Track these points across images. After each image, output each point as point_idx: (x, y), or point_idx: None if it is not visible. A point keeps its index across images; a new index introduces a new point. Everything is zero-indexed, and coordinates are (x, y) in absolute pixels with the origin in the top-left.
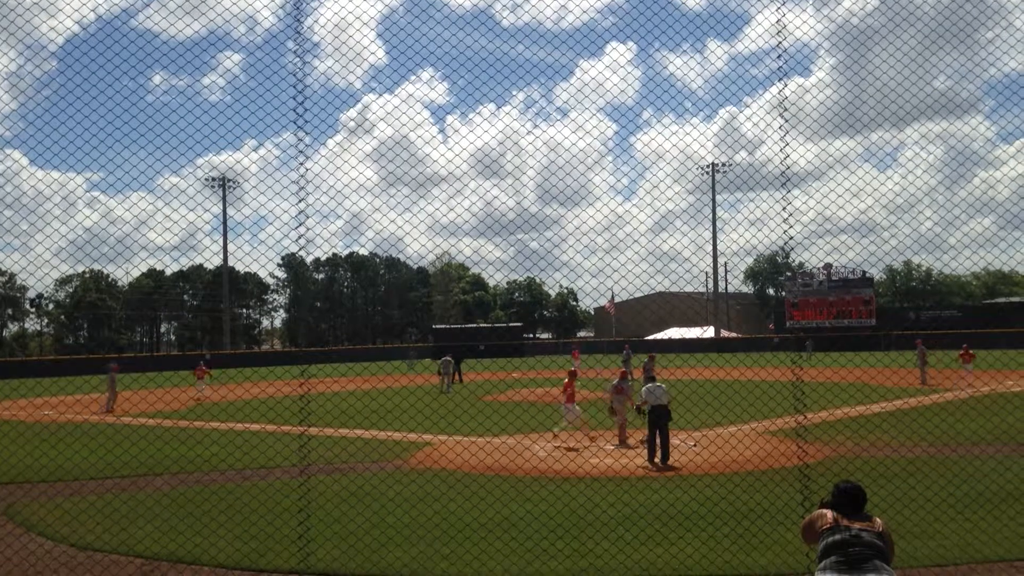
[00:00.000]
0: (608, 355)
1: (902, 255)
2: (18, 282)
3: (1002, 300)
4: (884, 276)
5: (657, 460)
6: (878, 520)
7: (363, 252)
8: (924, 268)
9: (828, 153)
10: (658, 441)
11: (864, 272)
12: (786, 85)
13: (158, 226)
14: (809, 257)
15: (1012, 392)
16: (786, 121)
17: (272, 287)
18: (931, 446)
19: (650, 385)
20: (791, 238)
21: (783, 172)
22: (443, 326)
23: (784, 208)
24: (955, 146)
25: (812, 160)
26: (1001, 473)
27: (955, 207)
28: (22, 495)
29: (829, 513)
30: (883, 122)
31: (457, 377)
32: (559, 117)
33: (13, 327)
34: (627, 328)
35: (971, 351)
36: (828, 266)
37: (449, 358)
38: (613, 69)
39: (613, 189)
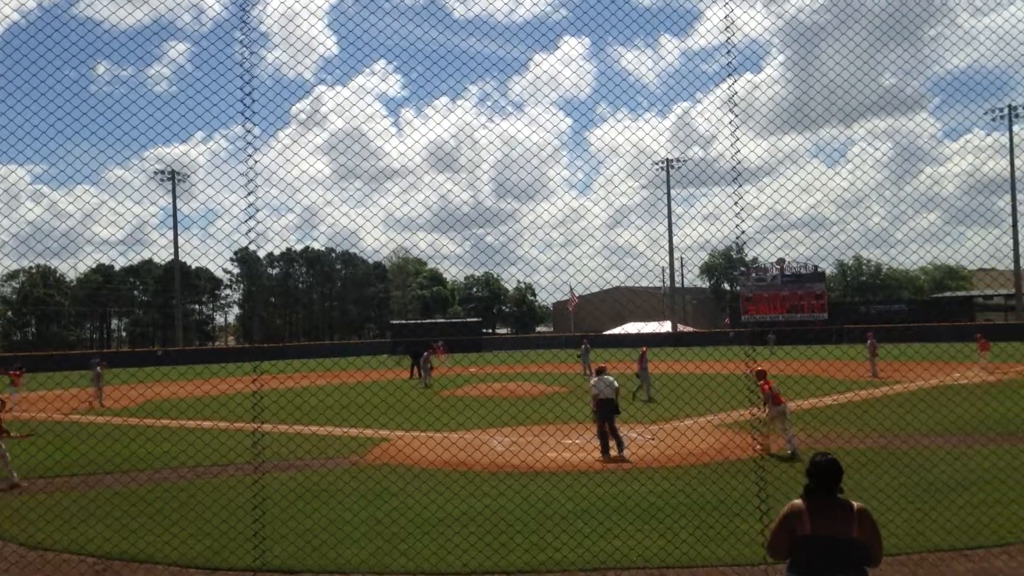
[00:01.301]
0: (566, 350)
1: (852, 249)
2: None
3: (948, 294)
4: (835, 271)
5: (613, 452)
6: (855, 511)
7: (318, 247)
8: (873, 263)
9: (778, 149)
10: (608, 432)
11: (816, 267)
12: (735, 81)
13: (104, 219)
14: (762, 252)
15: (959, 384)
16: (736, 117)
17: (225, 282)
18: (881, 437)
19: (597, 379)
20: (743, 232)
21: (734, 167)
22: (401, 321)
23: (736, 203)
24: (901, 142)
25: (763, 156)
26: (950, 463)
27: (902, 202)
28: None
29: (806, 518)
30: (831, 118)
31: (417, 372)
32: (514, 111)
33: None
34: (584, 323)
35: (987, 341)
36: (781, 261)
37: (425, 353)
38: (566, 63)
39: (568, 183)
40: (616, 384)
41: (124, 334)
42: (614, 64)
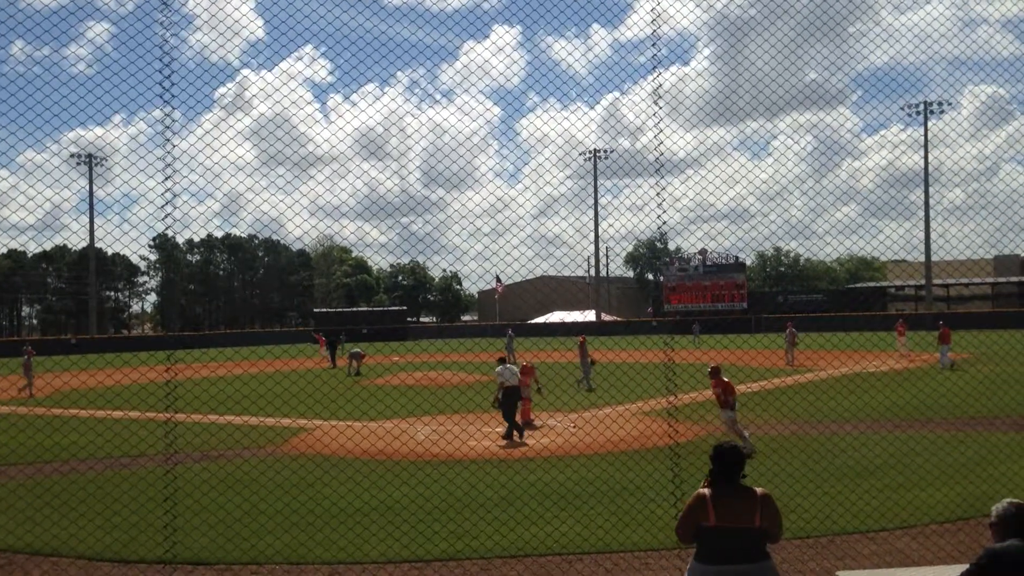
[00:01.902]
0: (491, 339)
1: (771, 241)
2: None
3: (863, 285)
4: (755, 261)
5: (516, 437)
6: (757, 497)
7: (240, 234)
8: (792, 254)
9: (701, 141)
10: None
11: (737, 257)
12: (660, 73)
13: (14, 204)
14: (683, 242)
15: (869, 372)
16: (661, 109)
17: (142, 269)
18: (793, 423)
19: (502, 368)
20: (664, 223)
21: (657, 159)
22: (325, 310)
23: (659, 194)
24: (820, 136)
25: (688, 148)
26: (858, 449)
27: (821, 195)
28: None
29: (711, 508)
30: (756, 111)
31: (331, 362)
32: (443, 99)
33: None
34: (510, 311)
35: (949, 330)
36: (703, 251)
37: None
38: (495, 52)
39: (495, 172)
40: (518, 372)
41: (35, 321)
42: (544, 54)
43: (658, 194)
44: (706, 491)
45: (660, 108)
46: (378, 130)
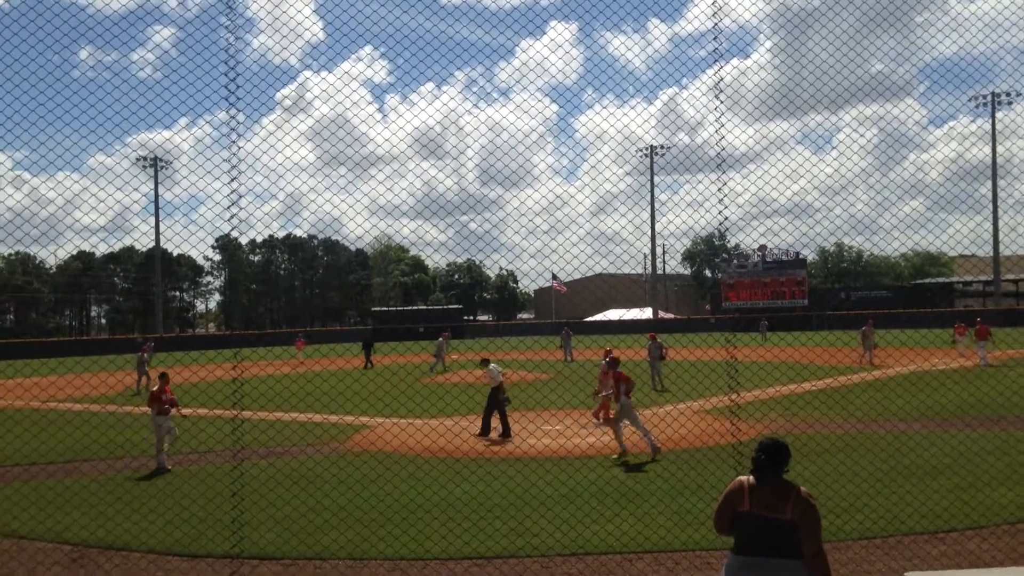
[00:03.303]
0: (548, 336)
1: (835, 236)
2: None
3: (929, 281)
4: (816, 257)
5: (494, 435)
6: (794, 492)
7: (300, 234)
8: (855, 249)
9: (764, 135)
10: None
11: (797, 253)
12: (722, 67)
13: (85, 206)
14: (744, 238)
15: (937, 370)
16: (722, 103)
17: (206, 269)
18: (860, 422)
19: (492, 366)
20: (726, 219)
21: (718, 154)
22: (382, 308)
23: (719, 190)
24: (887, 128)
25: (749, 142)
26: (926, 448)
27: (887, 189)
28: None
29: (746, 495)
30: (819, 104)
31: (369, 363)
32: (500, 97)
33: None
34: (566, 309)
35: (988, 327)
36: (763, 248)
37: (442, 339)
38: (554, 49)
39: (553, 169)
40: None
41: (104, 321)
42: (601, 50)
43: (719, 189)
44: (745, 478)
45: (721, 102)
46: (436, 129)
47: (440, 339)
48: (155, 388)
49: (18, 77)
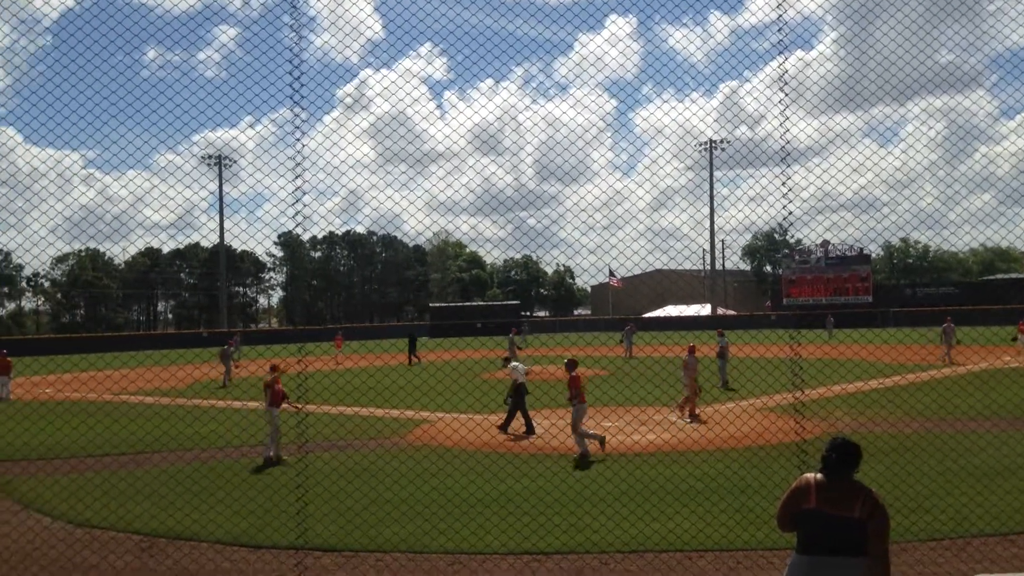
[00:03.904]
0: (606, 332)
1: (903, 231)
2: (14, 260)
3: (1000, 276)
4: (881, 253)
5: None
6: (864, 491)
7: (360, 230)
8: (921, 245)
9: (829, 128)
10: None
11: (861, 249)
12: (787, 59)
13: (154, 203)
14: (809, 233)
15: (1010, 367)
16: (786, 96)
17: (269, 265)
18: (928, 421)
19: (513, 364)
20: (790, 213)
21: (783, 147)
22: (440, 304)
23: (783, 184)
24: (956, 120)
25: (813, 135)
26: (996, 448)
27: (955, 183)
28: (20, 472)
29: (813, 492)
30: (885, 96)
31: (414, 358)
32: (558, 93)
33: (9, 306)
34: (625, 305)
35: None
36: (826, 243)
37: (513, 335)
38: (612, 43)
39: (612, 165)
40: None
41: (170, 316)
42: (663, 43)
43: (783, 184)
44: (812, 475)
45: (786, 95)
46: (495, 126)
47: (511, 335)
48: (268, 379)
49: (90, 78)
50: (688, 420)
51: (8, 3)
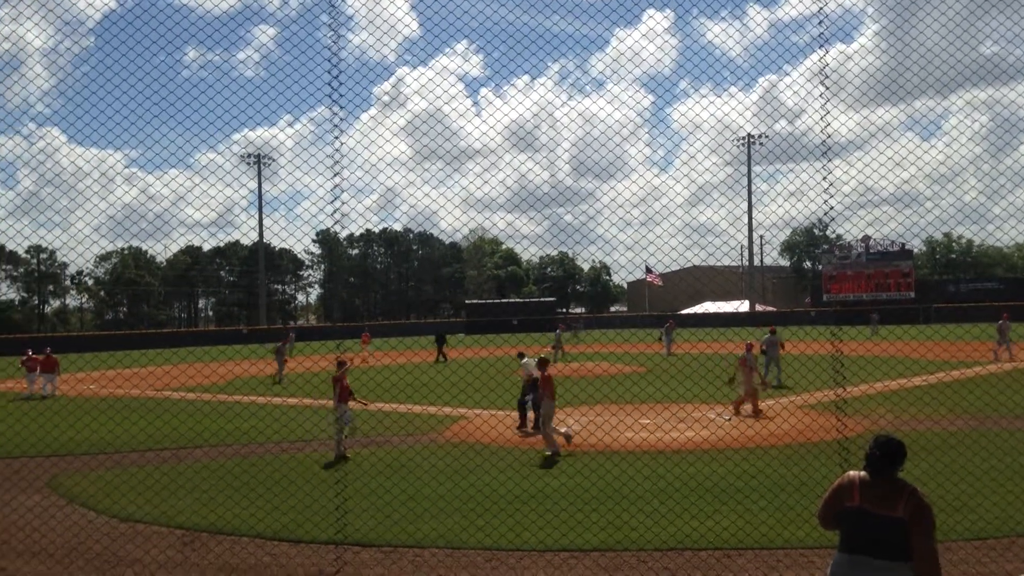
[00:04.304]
0: (645, 329)
1: (947, 225)
2: (59, 258)
3: None
4: (923, 248)
5: (529, 428)
6: (908, 490)
7: (396, 227)
8: (965, 239)
9: (870, 121)
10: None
11: (903, 244)
12: (827, 52)
13: (195, 201)
14: (851, 228)
15: None
16: (827, 89)
17: (307, 263)
18: (972, 419)
19: (526, 360)
20: (832, 208)
21: (824, 142)
22: (476, 301)
23: (824, 179)
24: (1001, 113)
25: (854, 129)
26: None
27: (1000, 176)
28: (64, 467)
29: (856, 490)
30: (927, 89)
31: (441, 356)
32: (594, 89)
33: (54, 303)
34: (662, 302)
35: None
36: (866, 238)
37: (560, 330)
38: (650, 38)
39: (649, 161)
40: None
41: (211, 313)
42: (701, 37)
43: (824, 178)
44: (856, 473)
45: (827, 88)
46: (530, 121)
47: (558, 330)
48: (336, 374)
49: (133, 78)
50: (731, 417)
51: (53, 5)
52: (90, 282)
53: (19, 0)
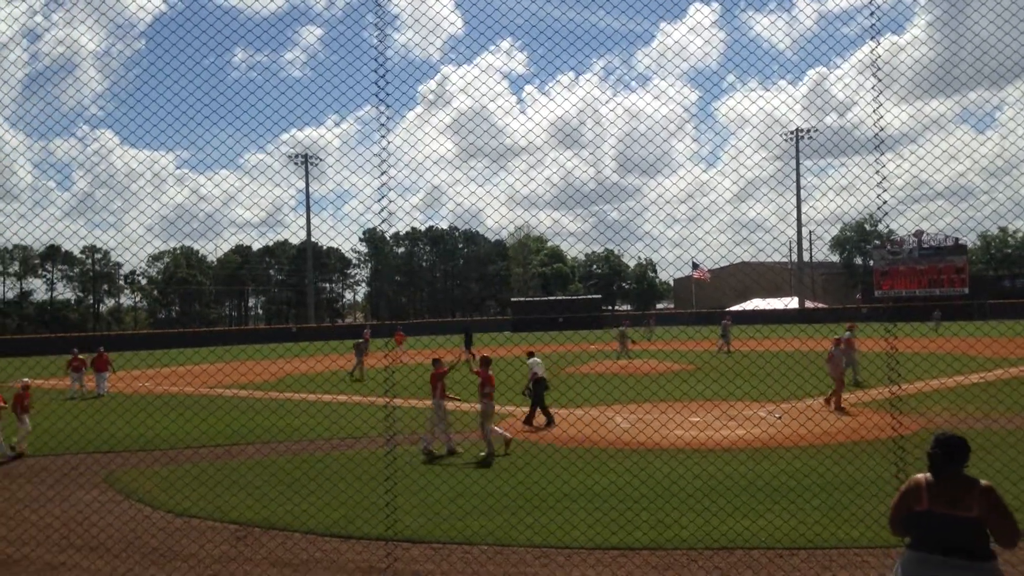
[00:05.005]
0: (692, 327)
1: (1001, 219)
2: (113, 258)
3: None
4: (978, 243)
5: (536, 423)
6: (977, 486)
7: (442, 225)
8: (1021, 234)
9: (924, 114)
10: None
11: (957, 239)
12: (879, 44)
13: (246, 201)
14: (904, 222)
15: None
16: (879, 81)
17: (354, 261)
18: None
19: (533, 360)
20: (885, 203)
21: (876, 135)
22: (522, 298)
23: (878, 172)
24: None
25: (906, 122)
26: None
27: None
28: (121, 463)
29: (924, 493)
30: (982, 80)
31: (469, 354)
32: (640, 84)
33: (109, 302)
34: (709, 298)
35: None
36: (919, 233)
37: (624, 327)
38: (696, 32)
39: (696, 156)
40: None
41: (261, 311)
42: (749, 30)
43: (877, 172)
44: (922, 476)
45: (880, 80)
46: (575, 118)
47: (622, 327)
48: (434, 371)
49: (184, 80)
50: (781, 415)
51: (106, 8)
52: (143, 282)
53: (73, 4)
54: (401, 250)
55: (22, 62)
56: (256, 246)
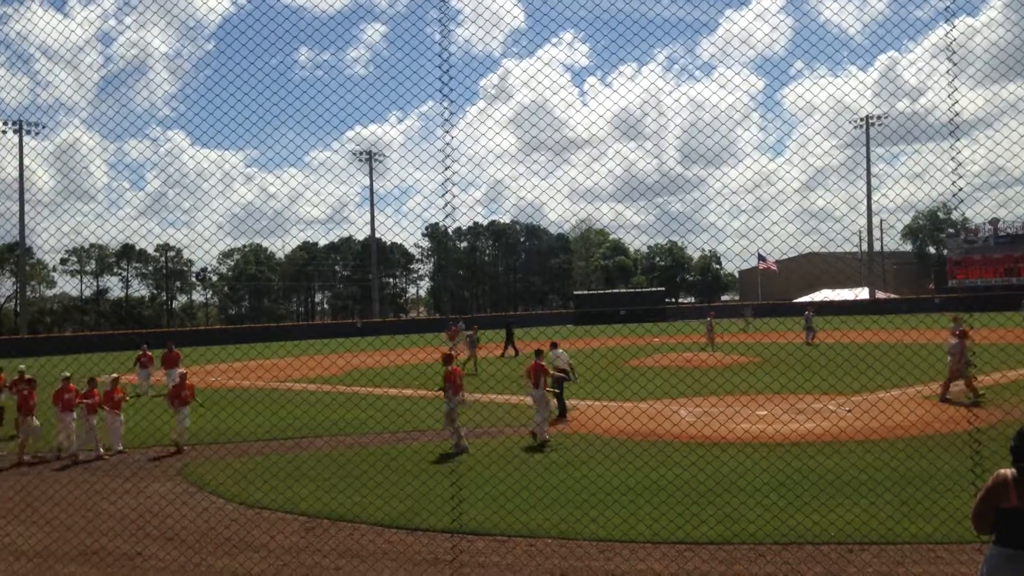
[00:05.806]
0: (760, 319)
1: None
2: (184, 256)
3: None
4: None
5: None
6: None
7: (504, 220)
8: None
9: (1001, 98)
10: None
11: None
12: (954, 26)
13: (312, 198)
14: (982, 210)
15: None
16: (954, 65)
17: (417, 257)
18: None
19: (555, 352)
20: (960, 189)
21: (951, 120)
22: (584, 292)
23: (952, 159)
24: None
25: (982, 107)
26: None
27: None
28: (195, 456)
29: (1012, 489)
30: None
31: (510, 349)
32: (704, 74)
33: (181, 299)
34: (777, 289)
35: None
36: (995, 221)
37: (710, 318)
38: (763, 19)
39: (764, 145)
40: (567, 357)
41: (327, 307)
42: (819, 16)
43: (952, 159)
44: (1008, 471)
45: (955, 64)
46: (640, 110)
47: (708, 319)
48: (534, 363)
49: (252, 79)
50: (851, 409)
51: (178, 11)
52: (214, 279)
53: (145, 8)
54: (464, 245)
55: (97, 65)
56: (322, 242)
